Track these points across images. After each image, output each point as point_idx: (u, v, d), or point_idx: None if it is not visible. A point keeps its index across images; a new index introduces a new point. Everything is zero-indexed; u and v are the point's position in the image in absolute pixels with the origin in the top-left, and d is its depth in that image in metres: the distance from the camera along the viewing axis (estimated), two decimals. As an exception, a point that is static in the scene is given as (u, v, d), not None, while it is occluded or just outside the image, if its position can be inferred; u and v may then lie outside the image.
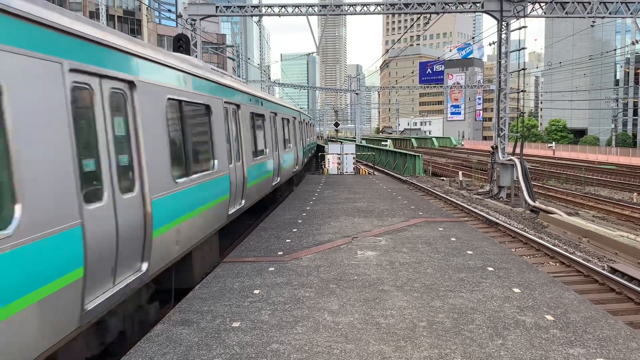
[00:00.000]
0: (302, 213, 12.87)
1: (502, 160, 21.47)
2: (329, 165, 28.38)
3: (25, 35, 3.78)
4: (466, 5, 22.26)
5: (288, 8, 23.23)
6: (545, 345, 4.90)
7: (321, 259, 8.26)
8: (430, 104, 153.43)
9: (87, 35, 4.61)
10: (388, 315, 5.70)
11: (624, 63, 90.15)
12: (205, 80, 8.19)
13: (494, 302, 6.13)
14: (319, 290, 6.63)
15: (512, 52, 22.57)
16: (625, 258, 11.57)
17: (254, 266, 7.82)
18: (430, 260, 8.15)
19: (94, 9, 53.09)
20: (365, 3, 23.28)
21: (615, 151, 60.48)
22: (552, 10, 22.24)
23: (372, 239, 9.73)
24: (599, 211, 21.12)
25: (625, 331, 5.25)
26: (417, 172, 31.39)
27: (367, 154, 40.63)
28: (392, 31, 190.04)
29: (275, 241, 9.59)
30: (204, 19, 23.59)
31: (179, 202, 6.57)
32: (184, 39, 16.71)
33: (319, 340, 5.07)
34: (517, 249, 12.48)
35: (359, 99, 67.13)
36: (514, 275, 7.28)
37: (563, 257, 11.35)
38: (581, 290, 8.88)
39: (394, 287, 6.72)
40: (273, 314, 5.78)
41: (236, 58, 76.58)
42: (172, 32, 65.15)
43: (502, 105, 22.21)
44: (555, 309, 5.88)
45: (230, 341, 5.06)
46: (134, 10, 62.21)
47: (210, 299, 6.31)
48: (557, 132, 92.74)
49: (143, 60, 5.83)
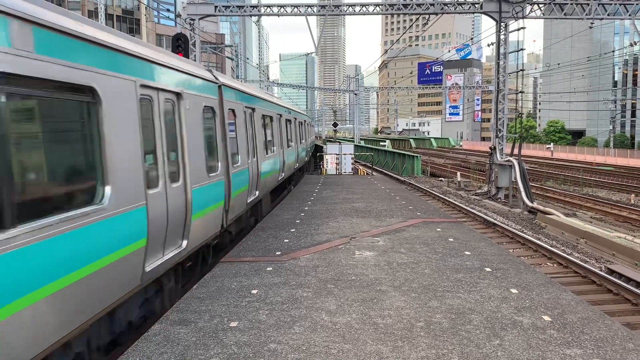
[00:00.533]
0: (300, 213, 12.88)
1: (500, 161, 21.49)
2: (327, 166, 28.38)
3: (119, 62, 5.22)
4: (465, 6, 22.29)
5: (287, 8, 23.23)
6: (542, 345, 4.91)
7: (319, 259, 8.26)
8: (429, 105, 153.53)
9: (151, 58, 5.99)
10: (386, 316, 5.71)
11: (623, 64, 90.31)
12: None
13: (492, 302, 6.14)
14: (316, 290, 6.64)
15: (511, 53, 22.59)
16: (622, 259, 11.59)
17: (252, 266, 7.82)
18: (428, 260, 8.16)
19: (93, 8, 53.05)
20: (364, 3, 23.29)
21: (613, 152, 60.58)
22: (550, 11, 22.28)
23: (370, 240, 9.74)
24: (597, 212, 21.16)
25: (622, 332, 5.27)
26: (415, 172, 31.40)
27: (365, 154, 40.65)
28: (391, 32, 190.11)
29: (273, 241, 9.60)
30: (203, 18, 23.56)
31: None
32: (182, 39, 16.71)
33: (317, 340, 5.07)
34: (515, 250, 12.49)
35: (357, 100, 67.14)
36: (511, 275, 7.29)
37: (561, 258, 11.36)
38: (578, 291, 8.90)
39: (391, 288, 6.73)
40: (271, 313, 5.79)
41: (235, 58, 76.52)
42: (170, 31, 65.08)
43: (500, 106, 22.23)
44: (552, 309, 5.89)
45: (228, 341, 5.06)
46: (132, 9, 62.16)
47: (208, 299, 6.31)
48: (556, 133, 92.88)
49: (187, 75, 7.27)
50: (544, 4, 22.02)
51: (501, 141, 22.17)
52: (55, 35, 4.16)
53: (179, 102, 6.77)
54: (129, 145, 5.26)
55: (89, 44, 4.67)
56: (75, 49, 4.46)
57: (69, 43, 4.36)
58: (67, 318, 4.18)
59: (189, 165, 6.94)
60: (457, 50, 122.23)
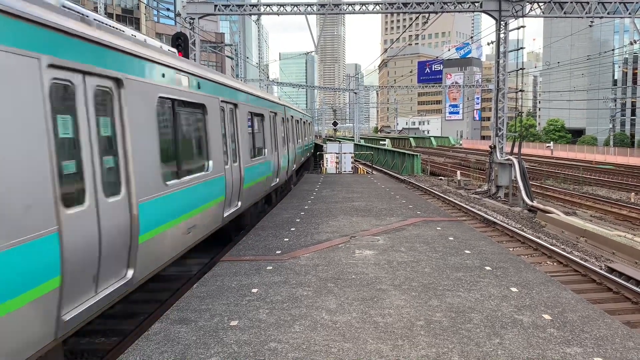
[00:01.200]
0: (300, 212, 12.87)
1: (500, 159, 21.50)
2: (327, 165, 28.36)
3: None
4: (465, 4, 22.27)
5: (287, 7, 23.21)
6: (542, 344, 4.91)
7: (319, 258, 8.26)
8: (429, 104, 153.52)
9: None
10: (386, 314, 5.71)
11: (622, 63, 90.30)
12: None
13: (492, 301, 6.14)
14: (317, 289, 6.64)
15: (511, 52, 22.58)
16: (622, 258, 11.60)
17: (252, 265, 7.82)
18: (428, 259, 8.16)
19: (92, 7, 53.01)
20: (364, 2, 23.26)
21: (613, 151, 60.58)
22: (550, 10, 22.27)
23: (370, 238, 9.74)
24: (597, 211, 21.17)
25: (622, 330, 5.27)
26: (415, 171, 31.41)
27: (365, 153, 40.63)
28: (390, 30, 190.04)
29: (274, 240, 9.60)
30: (203, 17, 23.53)
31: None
32: (182, 38, 16.68)
33: (317, 339, 5.07)
34: (515, 249, 12.50)
35: (357, 98, 67.13)
36: (511, 274, 7.30)
37: (560, 257, 11.37)
38: (578, 290, 8.91)
39: (391, 286, 6.73)
40: (271, 312, 5.79)
41: (235, 57, 76.45)
42: (170, 30, 65.05)
43: (500, 104, 22.23)
44: (552, 308, 5.89)
45: (228, 340, 5.06)
46: (132, 8, 62.12)
47: (208, 298, 6.31)
48: (555, 131, 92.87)
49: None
50: (543, 3, 22.01)
51: (501, 140, 22.17)
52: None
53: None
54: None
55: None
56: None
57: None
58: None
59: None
60: (457, 49, 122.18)
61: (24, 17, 3.90)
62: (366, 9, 23.36)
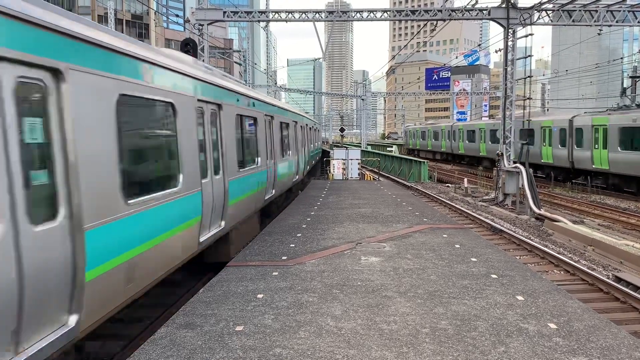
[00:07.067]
0: (307, 218, 12.90)
1: (507, 167, 21.43)
2: (334, 171, 28.38)
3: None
4: (473, 12, 22.30)
5: (295, 14, 23.34)
6: (547, 353, 4.89)
7: (325, 264, 8.27)
8: (436, 110, 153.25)
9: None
10: (391, 322, 5.71)
11: (632, 71, 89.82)
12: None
13: (497, 309, 6.13)
14: (322, 295, 6.65)
15: (519, 60, 22.56)
16: (630, 267, 11.52)
17: (257, 270, 7.85)
18: (434, 266, 8.15)
19: (103, 13, 53.52)
20: (372, 9, 23.34)
21: (621, 159, 60.04)
22: (558, 18, 22.23)
23: (376, 245, 9.74)
24: (605, 220, 21.01)
25: (628, 340, 5.24)
26: (422, 178, 31.35)
27: (372, 159, 40.62)
28: (398, 37, 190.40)
29: (280, 246, 9.62)
30: (212, 24, 23.71)
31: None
32: (191, 44, 16.81)
33: (322, 345, 5.09)
34: (522, 257, 12.44)
35: (364, 105, 67.20)
36: (517, 282, 7.28)
37: (567, 265, 11.31)
38: (585, 299, 8.86)
39: (397, 293, 6.73)
40: (276, 318, 5.81)
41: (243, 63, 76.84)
42: (179, 36, 65.57)
43: (508, 112, 22.19)
44: (558, 317, 5.87)
45: (234, 345, 5.08)
46: (142, 14, 62.67)
47: (214, 303, 6.34)
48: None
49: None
50: (552, 11, 21.99)
51: (508, 147, 22.11)
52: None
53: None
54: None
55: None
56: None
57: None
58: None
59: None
60: (465, 56, 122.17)
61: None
62: (374, 16, 23.44)
